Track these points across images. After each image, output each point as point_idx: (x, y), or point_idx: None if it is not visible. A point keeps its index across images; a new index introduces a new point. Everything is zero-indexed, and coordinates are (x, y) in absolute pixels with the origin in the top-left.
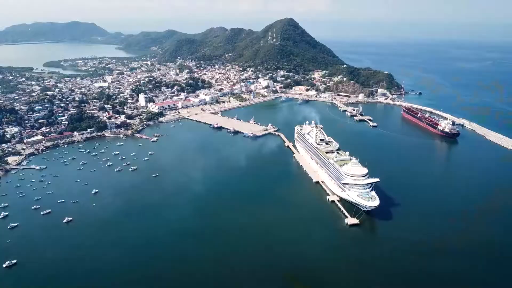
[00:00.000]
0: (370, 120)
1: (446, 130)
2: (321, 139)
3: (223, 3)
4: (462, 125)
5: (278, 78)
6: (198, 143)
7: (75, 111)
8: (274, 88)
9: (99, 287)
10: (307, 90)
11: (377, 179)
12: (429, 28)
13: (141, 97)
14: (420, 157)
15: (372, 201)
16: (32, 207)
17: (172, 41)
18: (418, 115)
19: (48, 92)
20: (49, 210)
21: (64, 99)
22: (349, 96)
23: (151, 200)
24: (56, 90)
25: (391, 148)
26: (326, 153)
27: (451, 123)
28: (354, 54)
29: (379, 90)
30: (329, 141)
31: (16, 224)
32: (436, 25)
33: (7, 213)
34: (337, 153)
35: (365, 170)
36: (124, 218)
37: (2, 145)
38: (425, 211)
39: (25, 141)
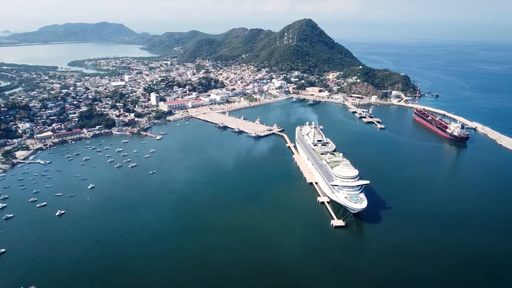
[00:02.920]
0: (378, 122)
1: (455, 133)
2: (318, 140)
3: (250, 5)
4: (475, 129)
5: (292, 79)
6: (201, 142)
7: (86, 109)
8: (287, 89)
9: (78, 280)
10: (320, 91)
11: (367, 181)
12: (458, 28)
13: (152, 96)
14: (423, 161)
15: (359, 204)
16: (30, 200)
17: (194, 41)
18: (429, 118)
19: (63, 90)
20: (45, 203)
21: (77, 97)
22: (362, 98)
23: (142, 197)
24: (71, 88)
25: (394, 151)
26: (321, 154)
27: (460, 126)
28: (376, 55)
29: (393, 92)
30: (327, 142)
31: (11, 215)
32: (465, 26)
33: (5, 204)
34: (332, 154)
35: (355, 172)
36: (114, 213)
37: (13, 140)
38: (416, 215)
39: (35, 136)
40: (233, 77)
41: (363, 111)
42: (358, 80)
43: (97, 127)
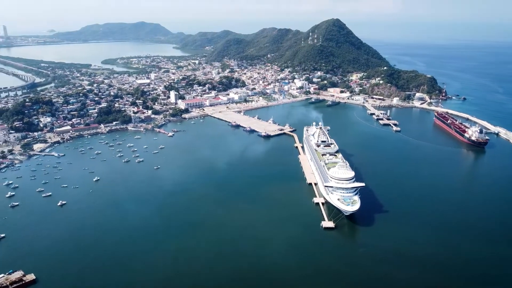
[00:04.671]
0: (395, 124)
1: (473, 138)
2: (322, 141)
3: (286, 5)
4: (497, 134)
5: (315, 79)
6: (211, 140)
7: (105, 105)
8: (308, 89)
9: (64, 268)
10: (341, 92)
11: (363, 184)
12: (505, 29)
13: (172, 94)
14: (433, 166)
15: (351, 206)
16: (37, 190)
17: (223, 41)
18: (448, 121)
19: (86, 87)
20: (50, 193)
21: (100, 93)
22: (384, 99)
23: (141, 191)
24: (95, 85)
25: (405, 155)
26: (322, 155)
27: (478, 130)
28: (408, 56)
29: (417, 94)
30: (330, 143)
31: (17, 203)
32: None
33: (14, 193)
34: (334, 155)
35: (350, 174)
36: (111, 206)
37: (34, 133)
38: (413, 220)
39: (54, 130)
40: (256, 76)
41: (381, 113)
42: (381, 82)
43: (114, 123)
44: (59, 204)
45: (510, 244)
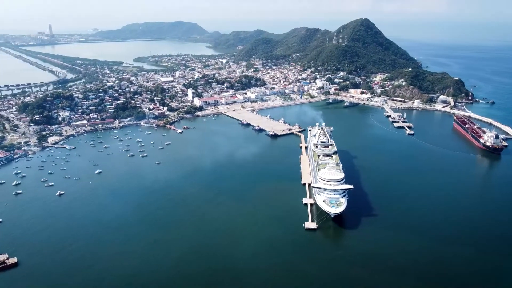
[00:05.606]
0: (409, 127)
1: (488, 144)
2: (321, 142)
3: (329, 5)
4: None
5: (336, 80)
6: (218, 137)
7: (122, 101)
8: (329, 89)
9: (45, 253)
10: (362, 93)
11: (350, 186)
12: None
13: (189, 92)
14: (439, 172)
15: (335, 208)
16: (41, 180)
17: (252, 40)
18: (466, 126)
19: (108, 83)
20: (52, 183)
21: (120, 90)
22: (404, 102)
23: (138, 184)
24: (116, 81)
25: (412, 159)
26: (318, 156)
27: (494, 136)
28: (444, 58)
29: (441, 97)
30: (329, 144)
31: (20, 191)
32: None
33: (19, 182)
34: (330, 156)
35: (339, 176)
36: (104, 197)
37: (52, 126)
38: (401, 226)
39: (71, 124)
40: (279, 76)
41: (398, 116)
42: (404, 83)
43: (128, 118)
44: (57, 194)
45: (500, 254)
